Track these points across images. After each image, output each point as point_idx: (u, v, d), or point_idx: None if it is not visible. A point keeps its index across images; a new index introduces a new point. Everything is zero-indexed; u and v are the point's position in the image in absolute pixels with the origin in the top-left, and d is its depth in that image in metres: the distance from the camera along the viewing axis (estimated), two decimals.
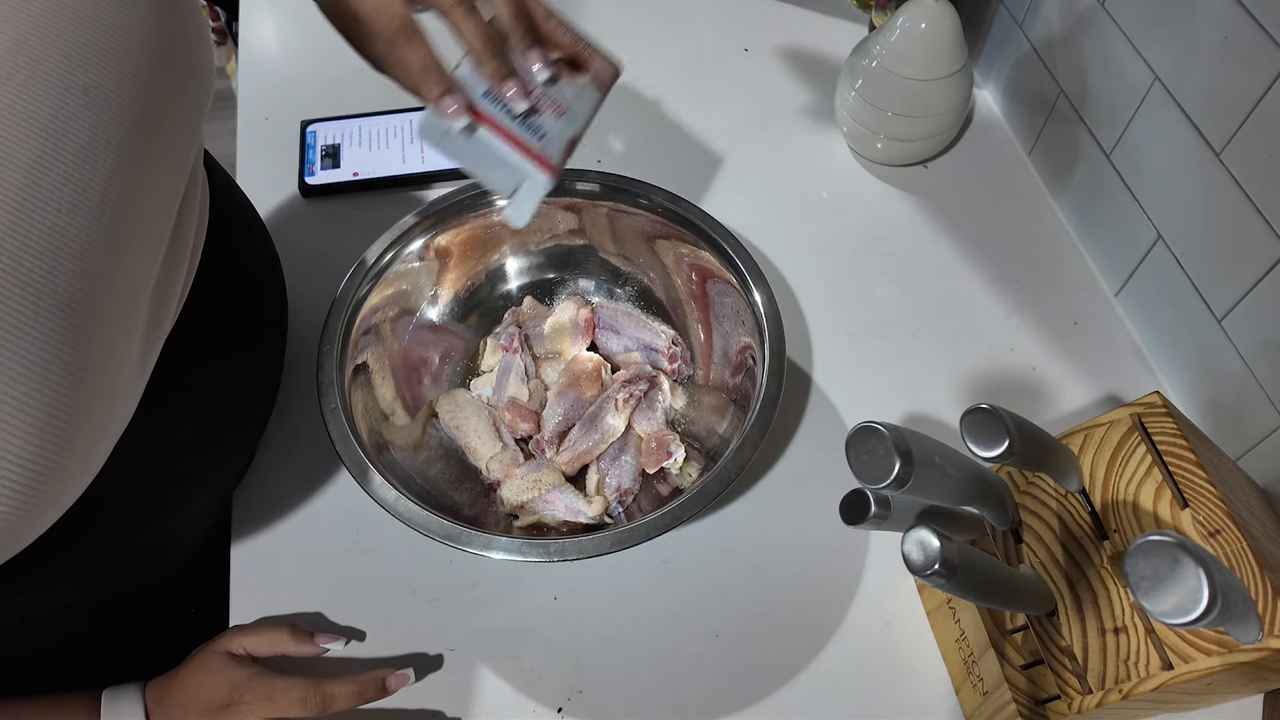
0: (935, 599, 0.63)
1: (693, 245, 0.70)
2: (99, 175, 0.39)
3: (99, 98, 0.39)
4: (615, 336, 0.74)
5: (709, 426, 0.69)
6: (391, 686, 0.58)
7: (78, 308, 0.38)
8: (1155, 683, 0.47)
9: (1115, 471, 0.53)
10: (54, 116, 0.38)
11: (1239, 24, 0.58)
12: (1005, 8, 0.86)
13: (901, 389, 0.73)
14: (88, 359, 0.39)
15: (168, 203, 0.46)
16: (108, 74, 0.40)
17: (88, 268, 0.38)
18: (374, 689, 0.57)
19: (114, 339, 0.41)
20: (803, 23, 1.00)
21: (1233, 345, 0.65)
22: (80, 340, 0.38)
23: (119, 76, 0.41)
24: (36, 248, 0.36)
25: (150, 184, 0.43)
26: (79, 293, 0.38)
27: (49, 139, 0.37)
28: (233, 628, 0.61)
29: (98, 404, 0.40)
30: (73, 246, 0.38)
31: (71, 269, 0.38)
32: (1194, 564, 0.37)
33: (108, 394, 0.41)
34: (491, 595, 0.64)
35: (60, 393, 0.37)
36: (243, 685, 0.56)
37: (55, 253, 0.37)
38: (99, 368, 0.40)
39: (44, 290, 0.36)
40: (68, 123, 0.38)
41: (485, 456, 0.68)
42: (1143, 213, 0.72)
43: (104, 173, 0.39)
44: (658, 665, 0.62)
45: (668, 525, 0.56)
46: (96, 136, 0.39)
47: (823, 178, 0.88)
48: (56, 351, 0.37)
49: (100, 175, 0.39)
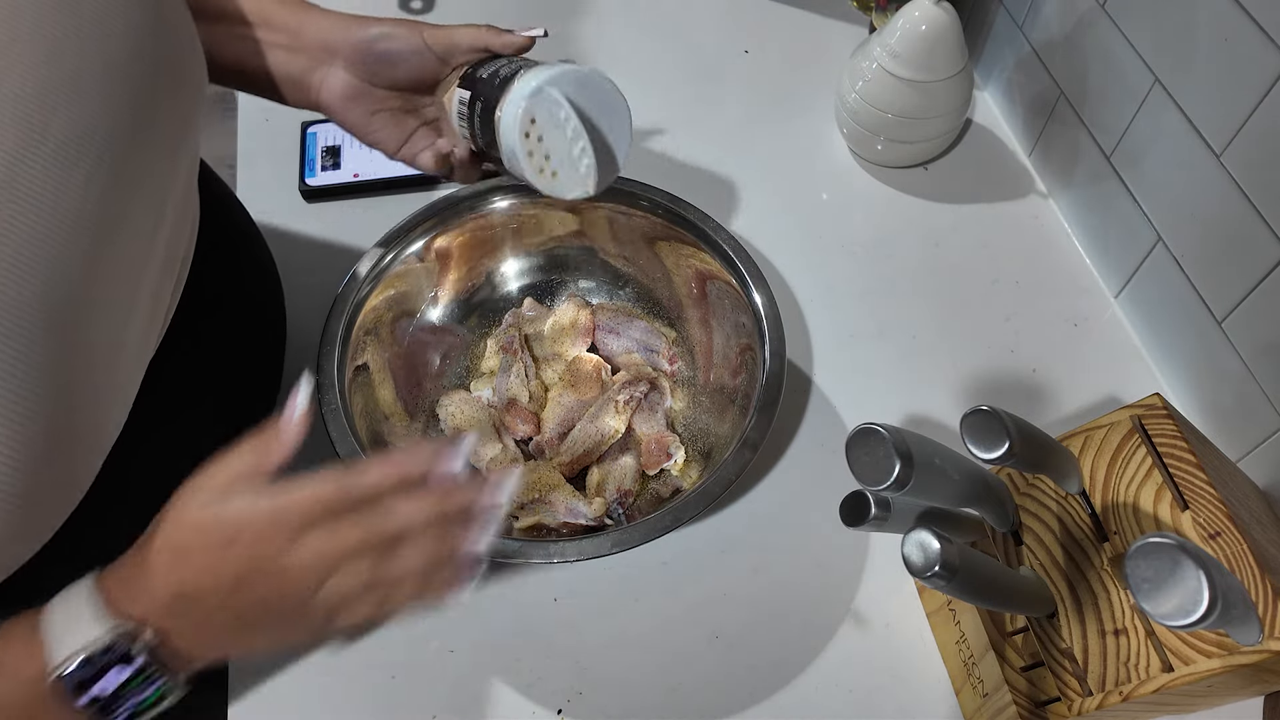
0: (935, 601, 0.62)
1: (693, 247, 0.70)
2: (78, 174, 0.38)
3: (84, 90, 0.38)
4: (615, 338, 0.74)
5: (709, 428, 0.69)
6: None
7: (58, 316, 0.37)
8: (1155, 685, 0.47)
9: (1115, 473, 0.53)
10: (36, 109, 0.36)
11: (1239, 26, 0.58)
12: (1005, 9, 0.86)
13: (901, 391, 0.73)
14: (71, 370, 0.37)
15: (156, 210, 0.45)
16: (93, 64, 0.39)
17: (69, 274, 0.37)
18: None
19: (100, 349, 0.40)
20: (803, 24, 1.00)
21: (1233, 347, 0.65)
22: (62, 351, 0.37)
23: (104, 69, 0.39)
24: (12, 254, 0.35)
25: (136, 187, 0.42)
26: (60, 300, 0.37)
27: (32, 132, 0.36)
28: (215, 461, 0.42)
29: (84, 418, 0.39)
30: (49, 250, 0.36)
31: (50, 275, 0.36)
32: (1194, 566, 0.37)
33: (95, 406, 0.40)
34: (491, 597, 0.64)
35: (44, 406, 0.36)
36: (259, 530, 0.40)
37: (30, 258, 0.35)
38: (83, 379, 0.38)
39: (20, 298, 0.35)
40: (48, 117, 0.37)
41: (485, 458, 0.68)
42: (1143, 214, 0.72)
43: (83, 172, 0.38)
44: (658, 667, 0.61)
45: (668, 527, 0.56)
46: (78, 131, 0.38)
47: (823, 179, 0.88)
48: (37, 364, 0.35)
49: (79, 175, 0.38)
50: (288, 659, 0.60)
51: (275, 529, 0.39)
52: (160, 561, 0.39)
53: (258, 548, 0.39)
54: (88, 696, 0.38)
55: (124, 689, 0.38)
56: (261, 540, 0.39)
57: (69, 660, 0.37)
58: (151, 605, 0.39)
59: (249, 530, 0.39)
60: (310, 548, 0.39)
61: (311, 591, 0.40)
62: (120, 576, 0.40)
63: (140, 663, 0.38)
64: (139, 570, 0.40)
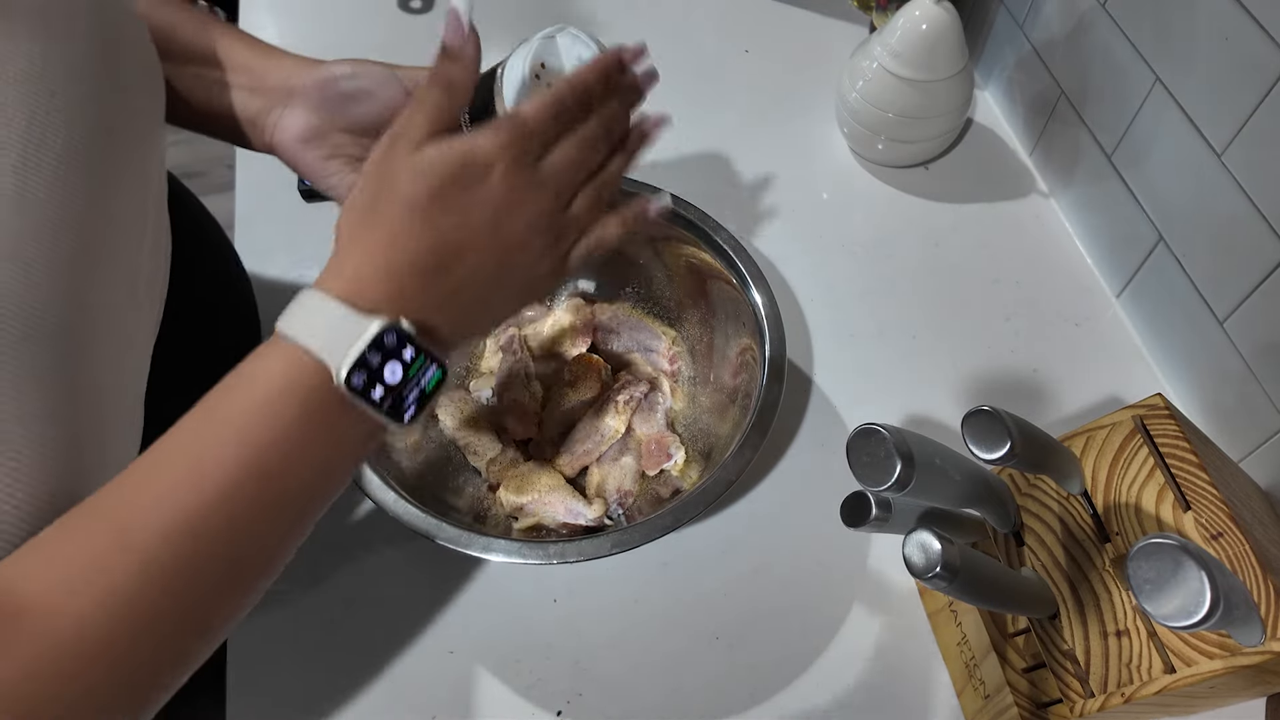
0: (937, 602, 0.62)
1: (693, 246, 0.70)
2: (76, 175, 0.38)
3: (61, 102, 0.37)
4: (615, 338, 0.74)
5: (709, 428, 0.69)
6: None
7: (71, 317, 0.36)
8: (1158, 686, 0.47)
9: (1117, 474, 0.53)
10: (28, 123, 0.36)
11: (1240, 25, 0.58)
12: (1006, 9, 0.86)
13: (902, 391, 0.73)
14: (87, 370, 0.37)
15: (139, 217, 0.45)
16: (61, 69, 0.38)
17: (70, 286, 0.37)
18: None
19: (106, 363, 0.40)
20: (803, 24, 1.00)
21: (1234, 347, 0.64)
22: (78, 350, 0.37)
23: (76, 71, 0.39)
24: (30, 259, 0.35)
25: (120, 184, 0.42)
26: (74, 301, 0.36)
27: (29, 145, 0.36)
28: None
29: (104, 413, 0.39)
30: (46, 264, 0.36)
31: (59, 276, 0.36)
32: (1196, 567, 0.37)
33: (114, 423, 0.40)
34: (491, 598, 0.64)
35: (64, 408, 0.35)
36: (508, 151, 0.39)
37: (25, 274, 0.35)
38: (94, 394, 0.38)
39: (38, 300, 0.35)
40: (44, 129, 0.36)
41: (485, 458, 0.67)
42: (1144, 214, 0.72)
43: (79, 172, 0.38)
44: (658, 668, 0.61)
45: (668, 527, 0.56)
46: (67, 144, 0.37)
47: (823, 179, 0.87)
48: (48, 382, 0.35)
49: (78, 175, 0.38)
50: (288, 659, 0.60)
51: (522, 147, 0.38)
52: (397, 228, 0.38)
53: (513, 172, 0.38)
54: (377, 393, 0.36)
55: (405, 381, 0.37)
56: (516, 164, 0.38)
57: (343, 366, 0.35)
58: (403, 285, 0.37)
59: (495, 157, 0.38)
60: (561, 154, 0.40)
61: (564, 204, 0.41)
62: (345, 270, 0.38)
63: (411, 352, 0.37)
64: (370, 251, 0.38)
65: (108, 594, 0.31)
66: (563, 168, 0.41)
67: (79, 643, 0.31)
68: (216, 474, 0.34)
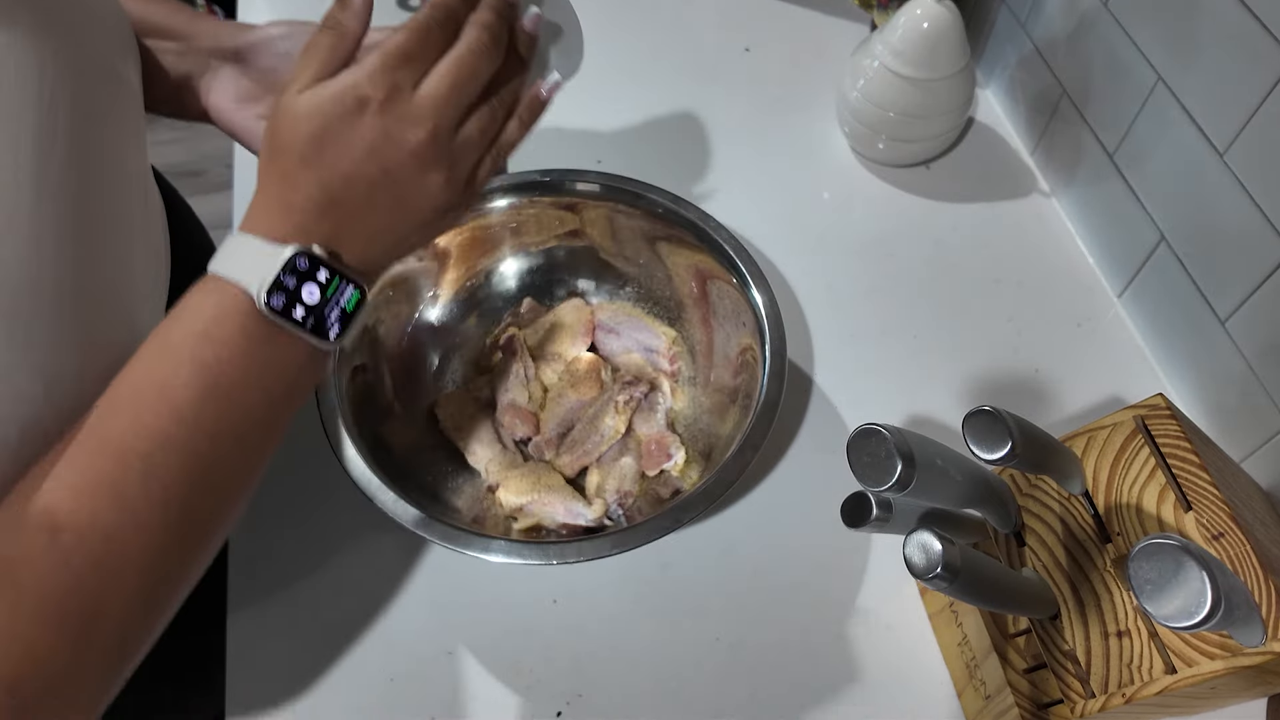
0: (937, 602, 0.62)
1: (693, 246, 0.69)
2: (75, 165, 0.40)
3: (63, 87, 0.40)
4: (615, 337, 0.74)
5: (709, 428, 0.68)
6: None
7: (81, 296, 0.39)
8: (1159, 687, 0.47)
9: (1118, 474, 0.52)
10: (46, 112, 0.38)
11: (1242, 24, 0.58)
12: (1008, 7, 0.86)
13: (903, 391, 0.73)
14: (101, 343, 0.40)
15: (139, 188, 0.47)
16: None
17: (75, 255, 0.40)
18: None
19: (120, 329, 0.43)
20: (804, 22, 1.00)
21: (1236, 347, 0.64)
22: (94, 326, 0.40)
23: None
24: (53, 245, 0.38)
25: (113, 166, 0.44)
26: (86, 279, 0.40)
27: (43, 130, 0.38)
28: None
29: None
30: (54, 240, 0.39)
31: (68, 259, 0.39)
32: (1197, 567, 0.37)
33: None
34: (490, 598, 0.64)
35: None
36: (378, 82, 0.40)
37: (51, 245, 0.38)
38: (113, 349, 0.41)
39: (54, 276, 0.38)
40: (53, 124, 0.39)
41: (484, 458, 0.67)
42: (1146, 214, 0.72)
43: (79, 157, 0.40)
44: (657, 669, 0.61)
45: (668, 528, 0.56)
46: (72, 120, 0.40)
47: (824, 178, 0.87)
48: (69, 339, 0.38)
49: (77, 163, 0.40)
50: (285, 659, 0.60)
51: (392, 79, 0.40)
52: (289, 170, 0.40)
53: (388, 104, 0.40)
54: (298, 313, 0.40)
55: (324, 302, 0.41)
56: (390, 96, 0.40)
57: (261, 290, 0.39)
58: (304, 219, 0.41)
59: (367, 90, 0.40)
60: (436, 78, 0.41)
61: (453, 130, 0.42)
62: (258, 212, 0.41)
63: (325, 274, 0.41)
64: (273, 193, 0.41)
65: (121, 508, 0.36)
66: (441, 91, 0.41)
67: (109, 551, 0.35)
68: (182, 393, 0.38)
